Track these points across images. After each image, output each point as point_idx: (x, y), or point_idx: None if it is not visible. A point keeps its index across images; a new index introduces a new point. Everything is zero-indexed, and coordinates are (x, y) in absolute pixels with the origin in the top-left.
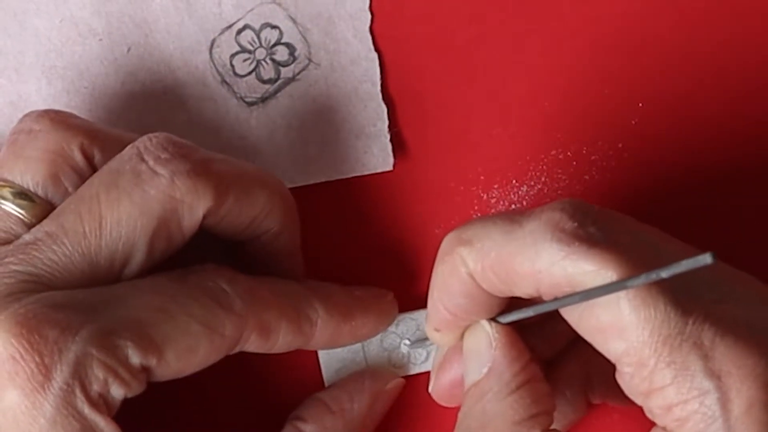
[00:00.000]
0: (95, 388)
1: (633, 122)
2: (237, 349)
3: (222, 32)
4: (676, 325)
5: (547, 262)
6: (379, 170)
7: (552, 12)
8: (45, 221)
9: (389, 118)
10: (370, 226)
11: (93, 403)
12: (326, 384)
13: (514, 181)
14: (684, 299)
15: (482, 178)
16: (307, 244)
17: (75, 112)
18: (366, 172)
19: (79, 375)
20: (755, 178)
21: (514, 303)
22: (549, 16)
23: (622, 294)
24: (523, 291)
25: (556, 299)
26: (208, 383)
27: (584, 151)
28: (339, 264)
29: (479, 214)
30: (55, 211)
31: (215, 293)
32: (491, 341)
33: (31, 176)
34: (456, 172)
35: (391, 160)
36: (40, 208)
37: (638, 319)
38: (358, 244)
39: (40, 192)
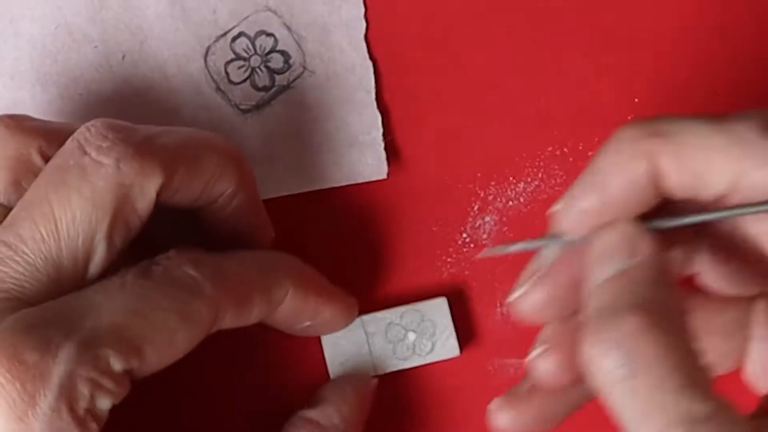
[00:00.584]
0: (82, 405)
1: (629, 117)
2: (214, 329)
3: (217, 39)
4: None
5: (751, 163)
6: (373, 178)
7: (547, 7)
8: None
9: (384, 126)
10: (364, 234)
11: (80, 421)
12: (331, 377)
13: (511, 179)
14: None
15: (479, 175)
16: (300, 252)
17: (69, 118)
18: (360, 181)
19: (65, 396)
20: None
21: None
22: (544, 11)
23: None
24: (712, 192)
25: (742, 206)
26: (212, 381)
27: (580, 147)
28: (332, 273)
29: (477, 211)
30: (8, 220)
31: (184, 281)
32: (645, 237)
33: None
34: (452, 174)
35: (386, 168)
36: (3, 216)
37: None
38: (352, 252)
39: (2, 200)
